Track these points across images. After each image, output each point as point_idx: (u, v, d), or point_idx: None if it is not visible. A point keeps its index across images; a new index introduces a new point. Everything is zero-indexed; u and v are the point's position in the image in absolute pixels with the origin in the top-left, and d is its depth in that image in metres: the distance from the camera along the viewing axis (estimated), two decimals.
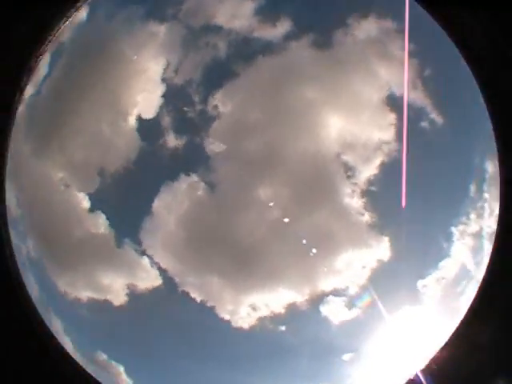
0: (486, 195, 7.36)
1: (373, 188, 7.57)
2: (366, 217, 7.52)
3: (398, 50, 7.42)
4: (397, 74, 7.48)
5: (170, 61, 7.46)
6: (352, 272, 7.48)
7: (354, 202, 7.49)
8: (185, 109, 7.53)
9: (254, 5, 7.41)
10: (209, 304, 7.52)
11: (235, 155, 7.43)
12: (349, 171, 7.57)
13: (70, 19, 4.49)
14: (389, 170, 7.52)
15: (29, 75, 4.39)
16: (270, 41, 7.45)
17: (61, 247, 7.24)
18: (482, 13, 3.86)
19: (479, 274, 7.29)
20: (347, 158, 7.59)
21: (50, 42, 4.48)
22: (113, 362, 6.62)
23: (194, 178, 7.65)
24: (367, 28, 7.38)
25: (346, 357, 7.26)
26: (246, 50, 7.37)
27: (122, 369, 6.69)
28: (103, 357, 6.57)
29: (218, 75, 7.62)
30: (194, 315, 7.64)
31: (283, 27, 7.40)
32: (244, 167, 7.51)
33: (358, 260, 7.48)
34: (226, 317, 7.56)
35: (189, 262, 7.72)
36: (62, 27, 4.49)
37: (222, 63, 7.53)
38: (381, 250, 7.43)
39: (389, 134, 7.49)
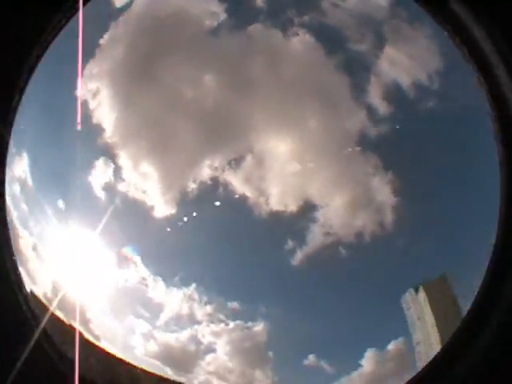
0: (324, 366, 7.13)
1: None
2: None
3: None
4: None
5: None
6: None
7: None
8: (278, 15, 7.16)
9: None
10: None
11: (248, 73, 7.17)
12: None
13: (71, 19, 4.48)
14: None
15: (29, 75, 4.31)
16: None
17: None
18: (483, 11, 3.87)
19: None
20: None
21: (50, 41, 4.45)
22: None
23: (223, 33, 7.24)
24: None
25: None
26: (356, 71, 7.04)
27: None
28: None
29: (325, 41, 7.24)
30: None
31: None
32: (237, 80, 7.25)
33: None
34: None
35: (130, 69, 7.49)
36: (63, 27, 4.49)
37: (333, 35, 7.11)
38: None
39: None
